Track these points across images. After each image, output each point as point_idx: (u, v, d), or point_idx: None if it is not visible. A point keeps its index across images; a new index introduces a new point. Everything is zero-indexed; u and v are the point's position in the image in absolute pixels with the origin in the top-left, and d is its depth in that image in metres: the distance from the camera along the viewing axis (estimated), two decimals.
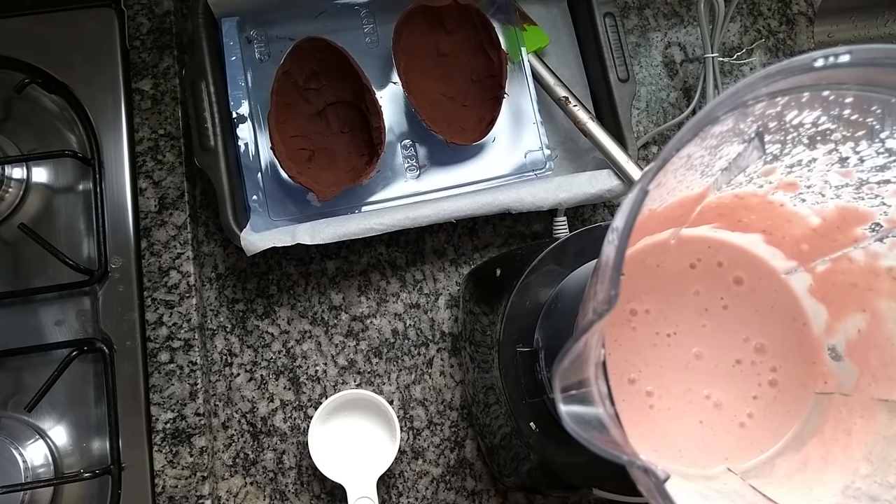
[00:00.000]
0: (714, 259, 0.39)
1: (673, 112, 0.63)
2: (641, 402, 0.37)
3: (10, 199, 0.57)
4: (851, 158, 0.28)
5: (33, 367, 0.54)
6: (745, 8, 0.65)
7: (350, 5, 0.59)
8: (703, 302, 0.38)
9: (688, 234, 0.39)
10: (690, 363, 0.38)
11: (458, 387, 0.57)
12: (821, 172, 0.30)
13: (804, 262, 0.37)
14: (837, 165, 0.29)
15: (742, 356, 0.38)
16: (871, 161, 0.28)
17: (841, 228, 0.34)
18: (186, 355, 0.54)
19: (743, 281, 0.39)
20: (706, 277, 0.39)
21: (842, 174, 0.30)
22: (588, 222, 0.60)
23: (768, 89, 0.23)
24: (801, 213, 0.34)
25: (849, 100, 0.24)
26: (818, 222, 0.34)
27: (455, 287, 0.58)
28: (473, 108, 0.57)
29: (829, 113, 0.25)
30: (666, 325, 0.38)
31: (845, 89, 0.24)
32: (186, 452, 0.53)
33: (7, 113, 0.59)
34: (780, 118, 0.25)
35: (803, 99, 0.24)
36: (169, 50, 0.58)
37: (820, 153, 0.28)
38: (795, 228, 0.36)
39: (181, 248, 0.56)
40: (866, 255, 0.34)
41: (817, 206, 0.33)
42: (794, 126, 0.26)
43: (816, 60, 0.22)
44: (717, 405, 0.37)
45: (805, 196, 0.33)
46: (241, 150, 0.55)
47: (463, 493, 0.55)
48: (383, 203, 0.56)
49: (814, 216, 0.34)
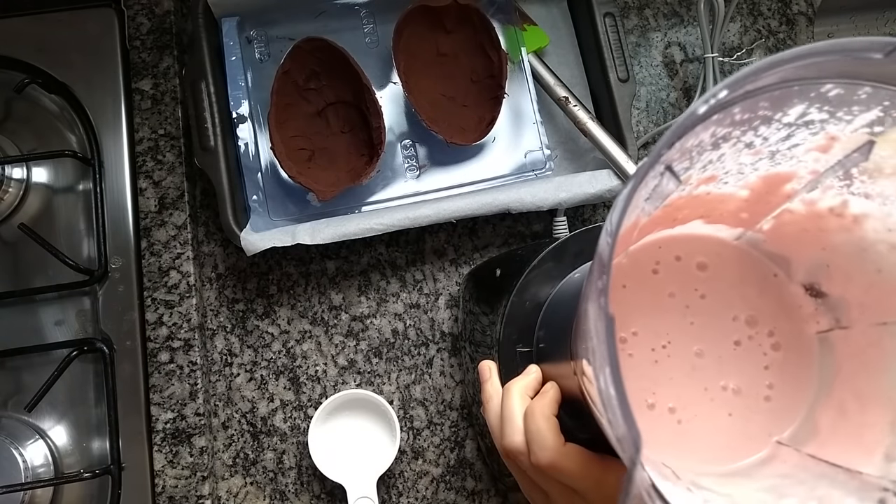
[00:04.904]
0: (671, 255, 0.39)
1: (673, 112, 0.63)
2: (668, 422, 0.37)
3: (10, 199, 0.57)
4: (755, 141, 0.30)
5: (33, 367, 0.54)
6: (745, 8, 0.65)
7: (350, 5, 0.59)
8: (681, 300, 0.38)
9: (635, 248, 0.39)
10: (696, 363, 0.38)
11: (458, 387, 0.57)
12: (733, 160, 0.31)
13: (749, 226, 0.38)
14: (745, 150, 0.30)
15: (738, 335, 0.38)
16: (774, 136, 0.30)
17: (770, 192, 0.35)
18: (186, 355, 0.54)
19: (706, 265, 0.39)
20: (672, 276, 0.39)
21: (752, 154, 0.31)
22: (588, 222, 0.60)
23: (668, 150, 0.25)
24: (728, 192, 0.35)
25: (736, 110, 0.26)
26: (747, 193, 0.35)
27: (455, 287, 0.58)
28: (473, 108, 0.57)
29: (722, 124, 0.27)
30: (657, 339, 0.38)
31: (735, 111, 0.26)
32: (186, 452, 0.53)
33: (7, 113, 0.59)
34: (681, 149, 0.27)
35: (698, 131, 0.26)
36: (169, 50, 0.58)
37: (726, 148, 0.30)
38: (729, 204, 0.36)
39: (181, 248, 0.56)
40: (804, 204, 0.35)
41: (741, 183, 0.34)
42: (696, 146, 0.28)
43: (699, 109, 0.24)
44: (737, 391, 0.37)
45: (726, 180, 0.34)
46: (241, 150, 0.55)
47: (463, 493, 0.55)
48: (383, 203, 0.56)
49: (741, 190, 0.35)
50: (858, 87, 0.26)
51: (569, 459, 0.33)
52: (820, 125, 0.29)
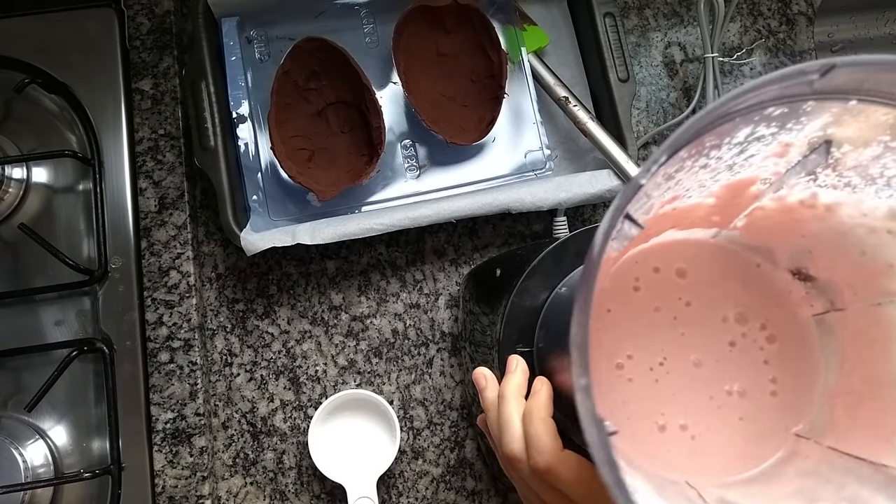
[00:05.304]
0: (648, 268, 0.38)
1: (673, 112, 0.63)
2: (682, 440, 0.36)
3: (10, 199, 0.57)
4: (710, 163, 0.29)
5: (33, 367, 0.54)
6: (745, 8, 0.65)
7: (350, 5, 0.59)
8: (668, 313, 0.38)
9: (614, 269, 0.38)
10: (695, 374, 0.37)
11: (458, 387, 0.57)
12: (691, 180, 0.31)
13: (722, 226, 0.37)
14: (702, 170, 0.30)
15: (731, 335, 0.37)
16: (728, 154, 0.29)
17: (736, 196, 0.34)
18: (186, 355, 0.54)
19: (685, 270, 0.38)
20: (654, 289, 0.38)
21: (709, 171, 0.31)
22: (588, 222, 0.60)
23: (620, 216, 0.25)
24: (694, 202, 0.35)
25: (683, 154, 0.26)
26: (713, 200, 0.35)
27: (455, 287, 0.58)
28: (473, 108, 0.57)
29: (671, 167, 0.26)
30: (653, 357, 0.37)
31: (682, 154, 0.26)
32: (186, 452, 0.53)
33: (7, 113, 0.59)
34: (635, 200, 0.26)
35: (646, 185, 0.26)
36: (169, 50, 0.58)
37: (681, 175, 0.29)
38: (698, 212, 0.36)
39: (181, 248, 0.56)
40: (774, 201, 0.34)
41: (705, 193, 0.34)
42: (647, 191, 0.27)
43: (641, 180, 0.24)
44: (742, 393, 0.37)
45: (689, 195, 0.34)
46: (241, 150, 0.55)
47: (463, 493, 0.55)
48: (383, 203, 0.56)
49: (707, 199, 0.35)
50: (802, 103, 0.26)
51: (565, 466, 0.33)
52: (771, 137, 0.29)
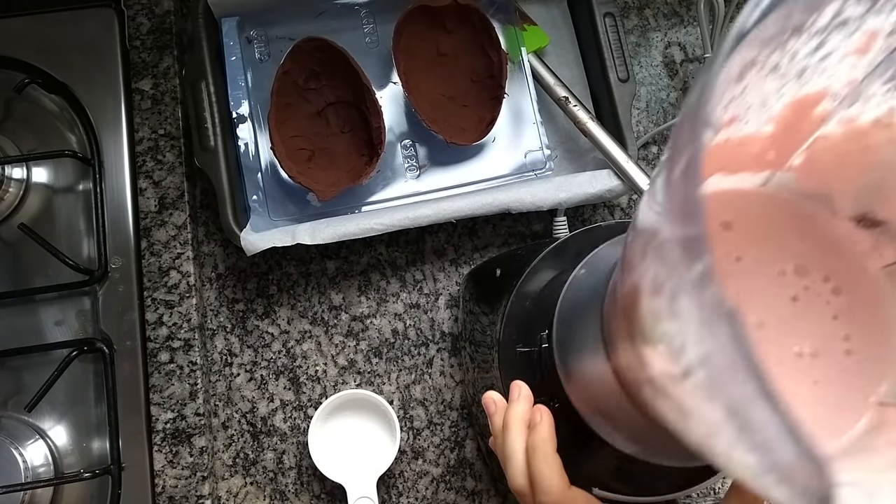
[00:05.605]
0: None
1: (673, 112, 0.63)
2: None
3: (10, 199, 0.57)
4: (782, 62, 0.26)
5: (33, 367, 0.54)
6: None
7: (350, 5, 0.59)
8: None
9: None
10: (759, 337, 0.33)
11: (458, 387, 0.57)
12: (756, 91, 0.27)
13: (777, 167, 0.33)
14: (770, 75, 0.26)
15: (793, 290, 0.33)
16: (804, 49, 0.25)
17: (800, 119, 0.30)
18: (186, 355, 0.54)
19: (731, 223, 0.34)
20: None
21: (778, 78, 0.27)
22: (588, 222, 0.60)
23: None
24: (749, 132, 0.31)
25: (770, 20, 0.22)
26: (772, 128, 0.31)
27: (455, 287, 0.58)
28: (473, 108, 0.57)
29: (751, 45, 0.22)
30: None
31: (768, 22, 0.22)
32: (186, 452, 0.53)
33: (7, 113, 0.59)
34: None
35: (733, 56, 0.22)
36: (169, 50, 0.58)
37: (750, 76, 0.25)
38: (751, 147, 0.32)
39: (181, 248, 0.56)
40: (841, 125, 0.30)
41: (764, 117, 0.30)
42: (724, 79, 0.23)
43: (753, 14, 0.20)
44: (814, 354, 0.33)
45: (748, 118, 0.29)
46: (241, 150, 0.55)
47: (463, 493, 0.55)
48: (383, 203, 0.56)
49: (765, 126, 0.31)
50: None
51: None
52: (857, 22, 0.25)
